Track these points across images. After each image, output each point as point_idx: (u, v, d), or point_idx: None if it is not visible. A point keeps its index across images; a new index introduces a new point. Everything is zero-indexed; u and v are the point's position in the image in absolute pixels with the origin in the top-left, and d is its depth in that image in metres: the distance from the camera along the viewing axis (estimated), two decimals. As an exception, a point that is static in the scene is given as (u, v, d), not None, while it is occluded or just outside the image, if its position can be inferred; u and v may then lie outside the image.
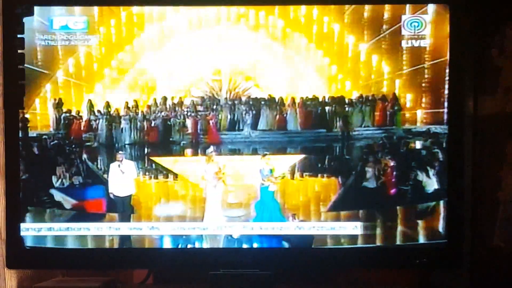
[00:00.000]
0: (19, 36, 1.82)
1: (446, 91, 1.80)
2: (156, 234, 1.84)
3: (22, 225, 1.82)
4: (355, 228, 1.82)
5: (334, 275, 2.05)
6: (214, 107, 1.85)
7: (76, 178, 1.84)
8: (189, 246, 1.84)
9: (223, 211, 1.84)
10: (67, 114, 1.83)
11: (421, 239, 1.83)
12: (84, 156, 1.84)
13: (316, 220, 1.83)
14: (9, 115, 1.83)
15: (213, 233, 1.84)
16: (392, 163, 1.82)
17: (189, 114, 1.85)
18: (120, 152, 1.84)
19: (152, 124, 1.86)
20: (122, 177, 1.85)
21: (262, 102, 1.84)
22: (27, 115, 1.82)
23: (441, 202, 1.81)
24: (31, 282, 1.91)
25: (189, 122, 1.85)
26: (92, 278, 1.93)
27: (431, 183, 1.81)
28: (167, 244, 1.84)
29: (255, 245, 1.84)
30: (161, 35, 1.84)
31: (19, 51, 1.82)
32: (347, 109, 1.83)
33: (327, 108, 1.83)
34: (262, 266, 1.82)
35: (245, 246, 1.84)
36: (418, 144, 1.81)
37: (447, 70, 1.80)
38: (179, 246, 1.84)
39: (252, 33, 1.83)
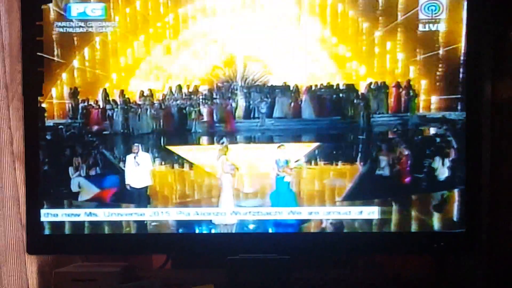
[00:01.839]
0: (37, 23, 1.83)
1: (464, 76, 1.78)
2: (172, 219, 1.86)
3: (42, 211, 1.85)
4: (372, 213, 1.82)
5: (352, 259, 2.06)
6: (229, 95, 1.84)
7: (92, 168, 1.85)
8: (205, 229, 1.86)
9: (237, 201, 1.85)
10: (84, 104, 1.84)
11: (438, 228, 1.82)
12: (100, 146, 1.85)
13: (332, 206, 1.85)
14: (28, 102, 1.84)
15: (229, 221, 1.85)
16: (406, 151, 1.81)
17: (204, 102, 1.85)
18: (135, 144, 1.85)
19: (168, 113, 1.85)
20: (138, 169, 1.85)
21: (277, 90, 1.83)
22: (44, 105, 1.84)
23: (458, 190, 1.80)
24: (51, 268, 1.95)
25: (204, 111, 1.85)
26: (111, 264, 1.96)
27: (448, 171, 1.80)
28: (185, 229, 1.86)
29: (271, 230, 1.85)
30: (176, 23, 1.83)
31: (38, 38, 1.83)
32: (361, 96, 1.82)
33: (341, 95, 1.82)
34: (280, 251, 1.83)
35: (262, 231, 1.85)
36: (433, 131, 1.80)
37: (465, 55, 1.78)
38: (197, 232, 1.86)
39: (267, 20, 1.82)
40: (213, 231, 1.85)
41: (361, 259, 2.07)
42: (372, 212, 1.82)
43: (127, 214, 1.85)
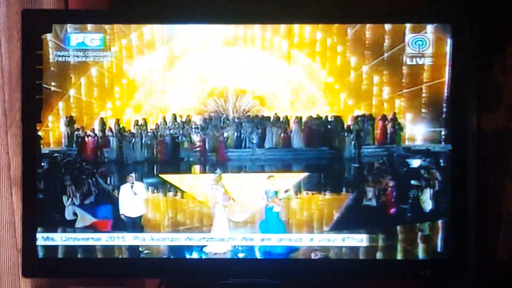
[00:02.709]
0: (37, 52, 1.86)
1: (449, 109, 1.82)
2: (166, 244, 1.88)
3: (38, 235, 1.87)
4: (360, 241, 1.86)
5: (342, 285, 2.08)
6: (221, 125, 1.88)
7: (87, 197, 1.88)
8: (197, 256, 1.89)
9: (228, 230, 1.88)
10: (79, 132, 1.87)
11: (424, 257, 1.85)
12: (95, 175, 1.88)
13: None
14: (27, 129, 1.87)
15: (221, 250, 1.89)
16: (392, 182, 1.84)
17: (196, 132, 1.89)
18: (131, 174, 1.88)
19: (161, 142, 1.89)
20: (134, 198, 1.88)
21: (268, 121, 1.87)
22: (40, 133, 1.87)
23: (443, 221, 1.84)
24: (46, 291, 1.97)
25: (197, 140, 1.89)
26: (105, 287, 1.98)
27: (432, 202, 1.83)
28: (178, 254, 1.89)
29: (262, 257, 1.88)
30: (170, 55, 1.87)
31: (38, 66, 1.86)
32: (348, 128, 1.86)
33: (329, 126, 1.86)
34: (272, 276, 1.86)
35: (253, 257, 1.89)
36: (418, 163, 1.83)
37: (450, 88, 1.81)
38: (189, 257, 1.89)
39: (258, 52, 1.86)
40: (204, 257, 1.88)
41: (350, 285, 2.09)
42: (360, 240, 1.86)
43: (121, 238, 1.88)
